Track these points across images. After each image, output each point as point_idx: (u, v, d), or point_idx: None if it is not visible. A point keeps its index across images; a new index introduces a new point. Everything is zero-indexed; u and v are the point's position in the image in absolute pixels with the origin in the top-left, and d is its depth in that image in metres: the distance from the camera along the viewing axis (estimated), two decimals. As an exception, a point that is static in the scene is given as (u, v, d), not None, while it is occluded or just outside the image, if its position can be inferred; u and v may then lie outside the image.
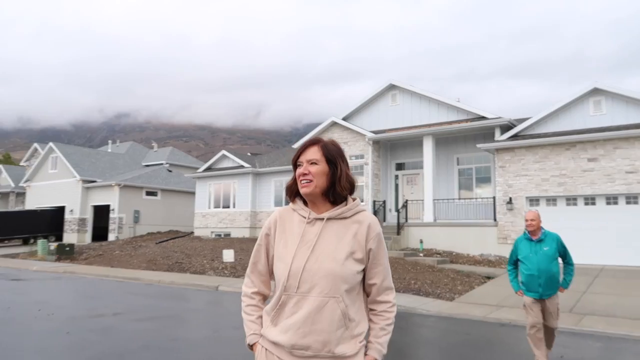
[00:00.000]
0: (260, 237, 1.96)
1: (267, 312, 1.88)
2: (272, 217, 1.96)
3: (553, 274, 4.89)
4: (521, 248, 5.09)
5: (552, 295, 4.91)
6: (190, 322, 7.82)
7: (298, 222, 1.88)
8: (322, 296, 1.75)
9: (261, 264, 1.96)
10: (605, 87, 15.03)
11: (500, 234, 15.91)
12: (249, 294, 1.98)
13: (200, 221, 25.41)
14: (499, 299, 9.74)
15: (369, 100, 20.41)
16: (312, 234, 1.82)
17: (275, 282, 1.87)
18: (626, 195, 14.25)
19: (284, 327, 1.78)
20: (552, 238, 5.02)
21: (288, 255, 1.81)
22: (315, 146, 1.89)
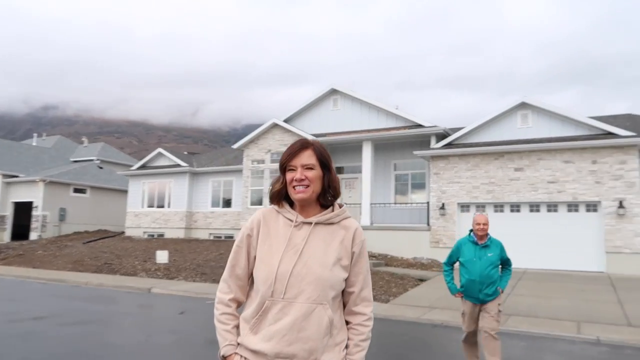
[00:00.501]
0: (241, 238, 1.85)
1: (246, 319, 1.77)
2: (255, 217, 1.86)
3: (494, 281, 4.80)
4: (464, 251, 4.91)
5: (491, 300, 4.82)
6: (121, 327, 7.48)
7: (284, 225, 1.81)
8: (309, 302, 1.69)
9: (240, 268, 1.83)
10: (532, 102, 16.04)
11: (433, 238, 16.51)
12: (226, 301, 1.82)
13: (132, 221, 24.41)
14: (431, 300, 10.10)
15: (310, 104, 20.52)
16: (299, 238, 1.77)
17: (256, 286, 1.77)
18: (547, 204, 15.26)
19: (267, 334, 1.69)
20: (496, 244, 4.93)
21: (274, 259, 1.73)
22: (308, 150, 1.81)
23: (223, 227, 22.27)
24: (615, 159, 14.38)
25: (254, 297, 1.77)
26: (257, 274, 1.76)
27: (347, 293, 1.82)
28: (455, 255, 5.01)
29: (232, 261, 1.85)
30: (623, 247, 13.88)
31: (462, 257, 4.91)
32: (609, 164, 14.42)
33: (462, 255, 4.91)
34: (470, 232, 5.01)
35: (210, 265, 14.56)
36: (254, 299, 1.78)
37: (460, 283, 4.93)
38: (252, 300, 1.79)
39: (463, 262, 4.90)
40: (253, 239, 1.82)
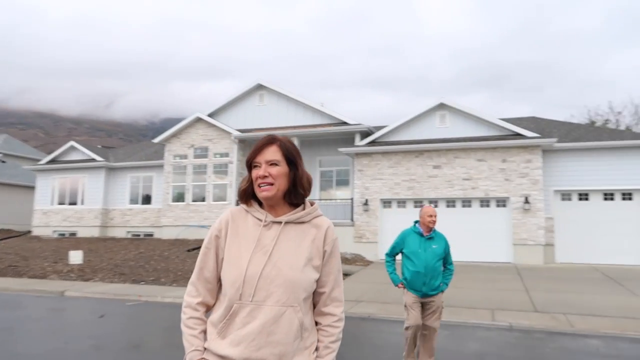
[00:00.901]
0: (209, 239, 1.76)
1: (214, 323, 1.69)
2: (223, 217, 1.78)
3: (438, 274, 4.73)
4: (409, 242, 4.79)
5: (434, 295, 4.73)
6: (32, 334, 6.90)
7: (253, 224, 1.74)
8: (279, 305, 1.63)
9: (209, 270, 1.74)
10: (449, 103, 16.92)
11: (356, 233, 16.92)
12: (194, 305, 1.73)
13: (40, 219, 22.63)
14: (358, 294, 10.35)
15: (236, 99, 20.19)
16: (269, 238, 1.70)
17: (224, 289, 1.70)
18: (462, 200, 16.21)
19: (235, 339, 1.62)
20: (440, 237, 4.86)
21: (242, 260, 1.67)
22: (273, 145, 1.74)
23: (142, 225, 21.29)
24: (522, 158, 15.57)
25: (222, 300, 1.71)
26: (225, 276, 1.70)
27: (317, 293, 1.78)
28: (399, 247, 4.86)
29: (200, 263, 1.76)
30: (528, 239, 15.09)
31: (407, 248, 4.76)
32: (517, 163, 15.59)
33: (407, 246, 4.77)
34: (415, 223, 4.91)
35: (129, 264, 13.87)
36: (222, 302, 1.71)
37: (404, 275, 4.81)
38: (220, 303, 1.72)
39: (407, 254, 4.77)
40: (221, 240, 1.74)
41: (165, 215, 20.05)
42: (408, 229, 4.92)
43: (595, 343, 6.45)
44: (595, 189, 15.43)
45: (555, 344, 6.47)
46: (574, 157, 15.68)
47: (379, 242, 16.54)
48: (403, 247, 4.83)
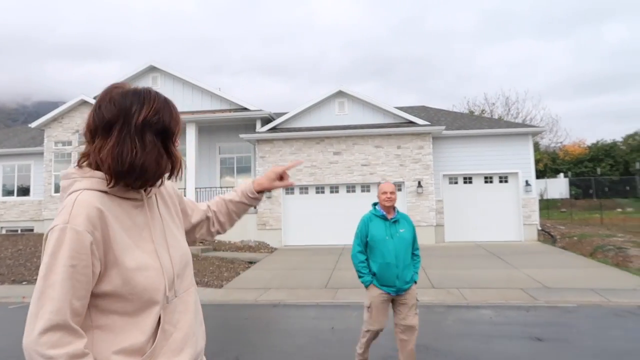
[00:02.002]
0: (75, 253, 1.17)
1: (135, 350, 1.24)
2: (90, 211, 1.21)
3: (409, 263, 4.06)
4: (373, 229, 4.05)
5: (408, 288, 4.03)
6: None
7: (129, 208, 1.32)
8: (192, 285, 1.45)
9: (78, 298, 1.18)
10: (348, 91, 17.39)
11: (259, 221, 16.83)
12: (81, 352, 1.15)
13: None
14: (265, 281, 10.33)
15: (126, 81, 18.80)
16: (154, 218, 1.38)
17: (132, 304, 1.26)
18: (361, 185, 16.84)
19: (174, 348, 1.31)
20: (406, 219, 4.20)
21: (150, 258, 1.30)
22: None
23: (19, 219, 19.18)
24: (415, 145, 16.54)
25: (126, 322, 1.25)
26: (136, 286, 1.25)
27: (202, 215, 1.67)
28: (365, 234, 4.11)
29: (68, 293, 1.16)
30: (421, 221, 16.12)
31: (371, 236, 4.05)
32: (410, 149, 16.53)
33: (370, 234, 4.05)
34: (374, 206, 4.20)
35: (6, 263, 12.43)
36: (127, 325, 1.25)
37: (372, 269, 4.07)
38: (124, 328, 1.25)
39: (372, 243, 4.04)
40: (97, 245, 1.21)
41: (47, 207, 18.23)
42: (367, 214, 4.19)
43: (487, 313, 7.10)
44: (477, 173, 16.91)
45: (454, 316, 7.02)
46: (460, 144, 17.02)
47: (283, 229, 16.63)
48: (367, 234, 4.09)
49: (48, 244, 1.19)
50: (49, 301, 1.14)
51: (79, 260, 1.17)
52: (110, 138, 1.26)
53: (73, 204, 1.21)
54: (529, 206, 16.40)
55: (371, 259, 4.07)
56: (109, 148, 1.25)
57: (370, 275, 4.03)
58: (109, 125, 1.27)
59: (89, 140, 1.31)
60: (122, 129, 1.26)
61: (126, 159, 1.24)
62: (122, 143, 1.25)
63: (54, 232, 1.19)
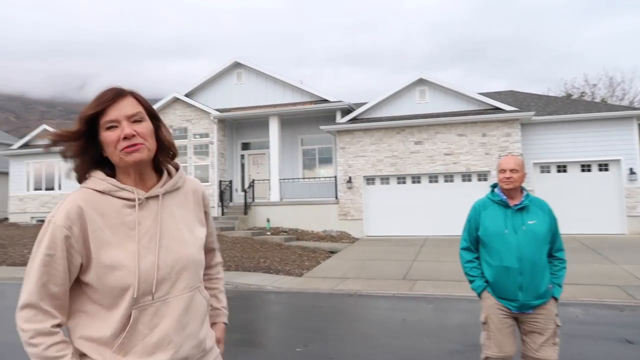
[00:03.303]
0: (51, 243, 1.28)
1: (104, 341, 1.31)
2: (71, 209, 1.30)
3: (543, 268, 2.90)
4: (486, 219, 3.03)
5: (540, 305, 2.89)
6: (12, 323, 6.80)
7: (121, 208, 1.36)
8: (187, 292, 1.40)
9: (56, 284, 1.29)
10: (429, 78, 16.91)
11: (341, 211, 16.98)
12: (48, 330, 1.27)
13: (17, 205, 22.13)
14: (343, 271, 10.44)
15: (213, 77, 19.81)
16: (149, 219, 1.38)
17: (104, 299, 1.32)
18: (444, 175, 16.35)
19: (145, 350, 1.32)
20: (541, 206, 3.02)
21: (128, 258, 1.31)
22: (128, 97, 1.38)
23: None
24: (501, 132, 15.72)
25: (99, 312, 1.33)
26: (107, 284, 1.30)
27: (208, 251, 1.66)
28: (475, 226, 3.09)
29: (43, 277, 1.27)
30: (508, 212, 15.32)
31: (484, 229, 3.02)
32: (496, 137, 15.74)
33: (483, 226, 3.02)
34: (493, 188, 3.14)
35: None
36: (99, 314, 1.32)
37: (485, 275, 3.04)
38: (97, 317, 1.33)
39: (485, 238, 3.01)
40: (75, 239, 1.29)
41: (146, 198, 19.79)
42: (482, 199, 3.14)
43: (574, 311, 6.63)
44: (573, 161, 15.70)
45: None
46: (552, 130, 15.90)
47: (364, 219, 16.64)
48: (478, 226, 3.07)
49: (39, 234, 1.33)
50: (27, 283, 1.29)
51: (55, 250, 1.28)
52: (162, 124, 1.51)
53: (63, 202, 1.34)
54: (633, 196, 14.96)
55: (484, 260, 3.02)
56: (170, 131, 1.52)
57: (482, 278, 3.03)
58: None
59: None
60: None
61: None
62: None
63: (44, 224, 1.33)
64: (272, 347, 5.07)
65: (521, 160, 3.04)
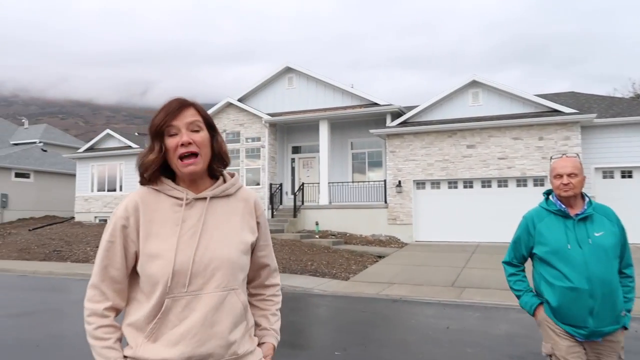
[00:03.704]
0: (113, 232, 1.46)
1: (138, 327, 1.44)
2: (129, 203, 1.48)
3: (616, 288, 2.45)
4: (544, 233, 2.53)
5: (612, 332, 2.46)
6: (72, 316, 7.20)
7: (170, 206, 1.49)
8: (219, 291, 1.45)
9: (116, 268, 1.46)
10: (482, 80, 16.43)
11: (390, 216, 16.79)
12: (100, 312, 1.44)
13: (82, 205, 23.48)
14: (390, 276, 10.31)
15: (265, 82, 20.19)
16: (194, 218, 1.49)
17: (145, 286, 1.46)
18: (498, 179, 15.80)
19: (171, 339, 1.41)
20: (606, 214, 2.57)
21: (168, 250, 1.43)
22: (190, 108, 1.50)
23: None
24: (559, 135, 15.01)
25: (142, 299, 1.46)
26: (147, 271, 1.44)
27: (261, 266, 1.67)
28: (526, 243, 2.63)
29: (104, 261, 1.46)
30: (567, 219, 14.59)
31: (542, 246, 2.53)
32: (554, 140, 15.04)
33: (541, 242, 2.54)
34: (547, 196, 2.65)
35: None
36: (142, 301, 1.46)
37: (547, 299, 2.52)
38: (140, 302, 1.47)
39: (545, 256, 2.51)
40: (130, 230, 1.46)
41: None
42: (535, 210, 2.67)
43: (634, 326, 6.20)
44: (639, 166, 14.75)
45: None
46: (616, 133, 15.01)
47: (414, 224, 16.38)
48: (533, 244, 2.60)
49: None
50: (95, 266, 1.50)
51: (114, 238, 1.47)
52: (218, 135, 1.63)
53: (127, 197, 1.54)
54: None
55: (544, 281, 2.53)
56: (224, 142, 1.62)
57: (530, 292, 2.61)
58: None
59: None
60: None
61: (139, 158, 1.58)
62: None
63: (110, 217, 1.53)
64: (312, 350, 5.08)
65: (579, 162, 2.59)
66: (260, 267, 1.67)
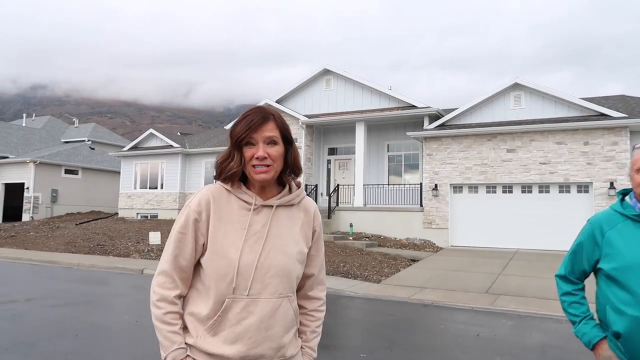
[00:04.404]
0: (185, 223, 1.54)
1: (200, 319, 1.52)
2: (203, 198, 1.55)
3: None
4: (618, 243, 1.93)
5: None
6: (112, 308, 7.49)
7: (239, 208, 1.56)
8: (275, 297, 1.51)
9: (185, 259, 1.53)
10: (525, 83, 15.98)
11: (425, 219, 16.58)
12: (171, 298, 1.52)
13: (125, 202, 24.33)
14: (423, 280, 10.19)
15: (303, 84, 20.34)
16: (259, 223, 1.54)
17: (207, 281, 1.52)
18: (539, 185, 15.33)
19: (230, 336, 1.48)
20: None
21: (233, 249, 1.49)
22: (270, 121, 1.55)
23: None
24: (606, 140, 14.42)
25: (204, 292, 1.53)
26: (211, 268, 1.51)
27: (305, 276, 1.68)
28: (589, 255, 2.04)
29: (176, 250, 1.53)
30: (613, 228, 13.99)
31: (613, 259, 1.93)
32: (601, 145, 14.46)
33: (613, 254, 1.94)
34: (622, 196, 2.06)
35: (203, 246, 14.59)
36: (203, 294, 1.53)
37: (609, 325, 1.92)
38: (202, 296, 1.54)
39: (617, 273, 1.90)
40: (202, 223, 1.53)
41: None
42: (604, 213, 2.06)
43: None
44: (693, 174, 13.96)
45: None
46: (669, 139, 14.27)
47: (449, 229, 16.11)
48: (599, 256, 2.01)
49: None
50: (164, 254, 1.57)
51: (186, 230, 1.54)
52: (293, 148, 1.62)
53: (199, 191, 1.61)
54: None
55: (610, 307, 1.91)
56: (298, 155, 1.63)
57: (591, 320, 2.03)
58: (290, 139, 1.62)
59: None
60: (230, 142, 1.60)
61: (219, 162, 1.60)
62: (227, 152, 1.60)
63: (183, 208, 1.60)
64: (337, 352, 5.09)
65: None
66: (305, 276, 1.68)
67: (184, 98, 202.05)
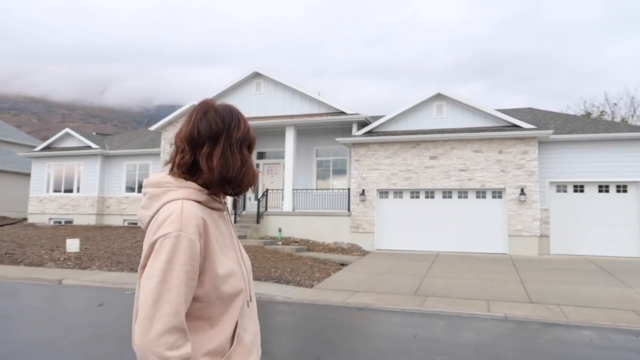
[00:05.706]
0: (192, 257, 1.26)
1: (219, 352, 1.32)
2: (198, 220, 1.29)
3: None
4: None
5: None
6: (32, 322, 6.94)
7: (215, 217, 1.40)
8: (254, 295, 1.52)
9: (189, 303, 1.28)
10: (447, 94, 16.92)
11: (353, 224, 16.98)
12: (189, 354, 1.23)
13: (36, 206, 22.56)
14: (354, 284, 10.43)
15: (233, 87, 20.07)
16: (229, 227, 1.47)
17: (220, 305, 1.33)
18: (458, 190, 16.28)
19: (244, 350, 1.38)
20: None
21: (234, 264, 1.39)
22: None
23: (138, 213, 21.27)
24: (518, 149, 15.64)
25: (217, 319, 1.34)
26: (224, 291, 1.33)
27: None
28: None
29: (187, 295, 1.25)
30: (523, 231, 15.20)
31: None
32: (513, 154, 15.66)
33: None
34: None
35: (126, 253, 13.89)
36: (217, 322, 1.34)
37: None
38: (216, 326, 1.34)
39: None
40: (201, 249, 1.29)
41: (161, 203, 20.01)
42: None
43: (588, 334, 6.55)
44: (590, 181, 15.53)
45: (549, 334, 6.57)
46: (570, 149, 15.77)
47: (376, 233, 16.63)
48: None
49: (162, 250, 1.23)
50: (167, 304, 1.20)
51: (191, 266, 1.25)
52: (217, 148, 1.36)
53: (181, 213, 1.28)
54: (651, 219, 14.70)
55: None
56: (219, 156, 1.35)
57: None
58: (216, 137, 1.37)
59: (189, 148, 1.37)
60: (226, 141, 1.38)
61: (232, 167, 1.36)
62: (228, 153, 1.37)
63: (168, 239, 1.24)
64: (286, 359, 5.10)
65: None
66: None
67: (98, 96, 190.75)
